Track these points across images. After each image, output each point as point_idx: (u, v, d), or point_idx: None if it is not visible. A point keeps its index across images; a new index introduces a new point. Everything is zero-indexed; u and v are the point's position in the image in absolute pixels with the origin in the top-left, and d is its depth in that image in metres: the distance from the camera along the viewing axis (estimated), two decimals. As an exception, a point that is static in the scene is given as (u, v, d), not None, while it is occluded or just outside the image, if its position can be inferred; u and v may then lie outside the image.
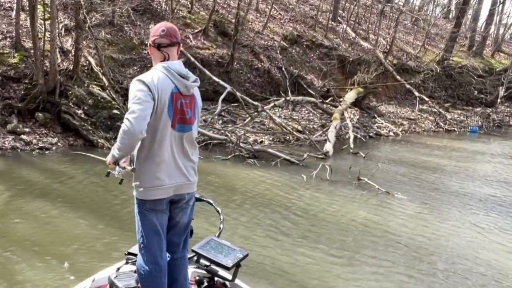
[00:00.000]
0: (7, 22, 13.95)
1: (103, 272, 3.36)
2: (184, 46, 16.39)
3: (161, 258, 2.93)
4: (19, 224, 6.93)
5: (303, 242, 7.28)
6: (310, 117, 17.58)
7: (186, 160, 2.91)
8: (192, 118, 2.88)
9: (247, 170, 11.19)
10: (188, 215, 3.08)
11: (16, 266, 5.70)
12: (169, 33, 2.90)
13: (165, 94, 2.74)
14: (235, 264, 3.17)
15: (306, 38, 22.00)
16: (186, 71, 2.90)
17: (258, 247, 6.89)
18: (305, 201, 9.37)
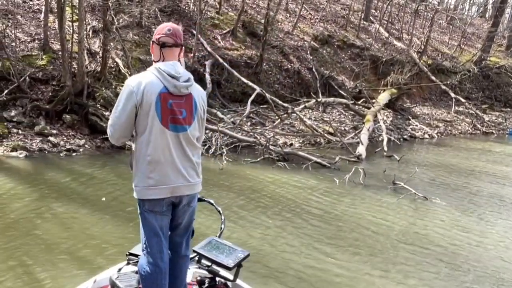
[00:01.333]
0: (35, 24, 14.07)
1: (105, 273, 3.37)
2: (212, 47, 16.29)
3: (161, 260, 2.94)
4: (46, 226, 6.84)
5: (335, 249, 6.98)
6: (342, 119, 17.24)
7: (185, 161, 2.90)
8: (188, 118, 2.87)
9: (277, 173, 10.93)
10: (190, 216, 3.09)
11: (39, 268, 5.60)
12: (174, 33, 2.93)
13: (152, 95, 2.76)
14: (236, 264, 3.17)
15: (337, 38, 21.68)
16: (177, 71, 2.86)
17: (288, 253, 6.63)
18: (338, 206, 9.05)
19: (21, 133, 11.08)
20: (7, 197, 7.85)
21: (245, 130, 13.47)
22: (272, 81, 17.19)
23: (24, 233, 6.57)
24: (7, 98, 11.61)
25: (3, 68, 11.83)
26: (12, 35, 12.86)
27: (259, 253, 6.57)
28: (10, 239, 6.32)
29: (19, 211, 7.28)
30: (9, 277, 5.41)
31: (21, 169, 9.64)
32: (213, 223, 7.01)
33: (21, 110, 11.60)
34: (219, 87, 15.87)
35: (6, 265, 5.66)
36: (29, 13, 14.51)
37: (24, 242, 6.29)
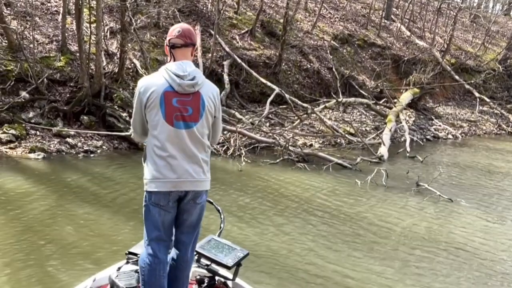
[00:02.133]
0: (53, 25, 14.14)
1: (104, 272, 3.38)
2: (230, 47, 16.21)
3: (160, 251, 3.00)
4: (63, 227, 6.82)
5: (357, 252, 6.81)
6: (363, 119, 17.01)
7: (190, 157, 2.98)
8: (194, 116, 2.96)
9: (297, 175, 10.78)
10: (195, 214, 3.10)
11: (55, 268, 5.60)
12: (184, 34, 3.04)
13: (157, 93, 2.92)
14: (235, 263, 3.19)
15: (358, 37, 21.44)
16: (184, 70, 2.97)
17: (308, 256, 6.48)
18: (359, 208, 8.87)
19: (39, 135, 11.13)
20: (25, 198, 7.84)
21: (264, 131, 13.34)
22: (291, 81, 17.04)
23: (41, 233, 6.56)
24: (25, 100, 11.67)
25: (21, 70, 11.89)
26: (30, 37, 12.93)
27: (277, 254, 6.44)
28: (27, 239, 6.31)
29: (36, 212, 7.28)
30: (25, 276, 5.40)
31: (39, 170, 9.66)
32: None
33: (39, 111, 11.65)
34: (237, 88, 15.78)
35: (24, 264, 5.65)
36: (47, 15, 14.60)
37: (41, 243, 6.27)
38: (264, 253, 6.48)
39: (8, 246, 6.11)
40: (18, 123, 11.11)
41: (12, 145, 10.55)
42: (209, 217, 6.72)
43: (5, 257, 5.82)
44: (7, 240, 6.25)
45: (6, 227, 6.70)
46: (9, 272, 5.51)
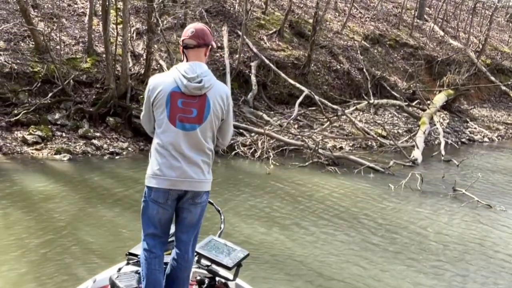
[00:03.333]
0: (80, 27, 14.22)
1: (105, 273, 3.41)
2: (258, 48, 16.04)
3: (155, 247, 3.06)
4: (88, 228, 6.75)
5: (392, 261, 6.52)
6: (394, 121, 16.64)
7: (190, 158, 3.01)
8: (198, 118, 2.99)
9: (327, 178, 10.52)
10: (195, 214, 3.12)
11: (80, 269, 5.54)
12: (197, 34, 3.05)
13: (164, 93, 2.97)
14: (236, 264, 3.22)
15: (389, 38, 21.08)
16: (194, 71, 2.98)
17: (337, 262, 6.23)
18: (394, 214, 8.56)
19: (65, 136, 11.14)
20: (50, 199, 7.81)
21: (292, 133, 13.11)
22: (321, 82, 16.78)
23: (65, 233, 6.52)
24: (52, 101, 11.72)
25: (47, 71, 11.96)
26: (57, 38, 13.02)
27: (305, 260, 6.23)
28: (52, 240, 6.27)
29: (61, 213, 7.24)
30: (49, 276, 5.35)
31: (65, 171, 9.65)
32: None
33: (65, 113, 11.68)
34: (265, 89, 15.60)
35: (48, 265, 5.60)
36: (73, 16, 14.69)
37: (64, 242, 6.22)
38: (291, 259, 6.25)
39: (33, 245, 6.07)
40: (44, 124, 11.15)
41: (38, 146, 10.59)
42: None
43: (30, 255, 5.79)
44: (32, 239, 6.22)
45: (31, 227, 6.66)
46: (32, 270, 5.47)
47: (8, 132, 10.81)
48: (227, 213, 7.86)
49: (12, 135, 10.75)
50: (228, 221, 7.49)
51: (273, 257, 6.28)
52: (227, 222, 7.44)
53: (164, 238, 3.12)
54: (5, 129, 10.82)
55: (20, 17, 13.07)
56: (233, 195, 8.81)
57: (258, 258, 6.19)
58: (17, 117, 10.96)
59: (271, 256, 6.29)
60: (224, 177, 10.14)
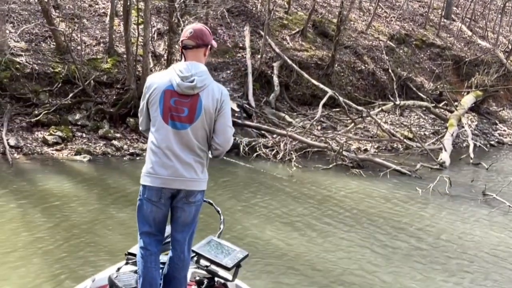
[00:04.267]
0: (101, 27, 14.25)
1: (104, 272, 3.45)
2: (280, 48, 15.90)
3: (150, 244, 3.11)
4: (106, 230, 6.71)
5: (418, 267, 6.30)
6: (421, 123, 16.31)
7: (183, 156, 3.04)
8: (189, 117, 3.02)
9: (352, 181, 10.31)
10: (189, 213, 3.15)
11: (98, 270, 5.38)
12: (196, 35, 3.10)
13: (158, 90, 3.03)
14: (235, 264, 3.23)
15: (416, 37, 20.72)
16: (188, 70, 3.02)
17: (365, 269, 6.03)
18: (423, 219, 8.31)
19: (85, 137, 11.15)
20: (70, 200, 7.79)
21: (316, 135, 12.91)
22: (345, 83, 16.54)
23: (84, 235, 6.49)
24: (72, 102, 11.75)
25: (68, 72, 11.99)
26: (78, 39, 13.06)
27: (330, 267, 6.06)
28: (70, 240, 6.25)
29: (81, 214, 7.21)
30: (65, 273, 5.36)
31: (85, 172, 9.63)
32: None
33: (86, 113, 11.69)
34: (287, 90, 15.43)
35: (64, 263, 5.62)
36: (94, 17, 14.74)
37: (83, 244, 6.20)
38: (314, 264, 6.09)
39: (53, 245, 6.06)
40: (64, 125, 11.16)
41: (59, 147, 10.61)
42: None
43: (47, 254, 5.79)
44: (52, 240, 6.21)
45: (50, 227, 6.65)
46: (49, 268, 5.48)
47: (29, 132, 10.86)
48: (249, 216, 7.74)
49: (33, 136, 10.79)
50: (249, 224, 7.38)
51: (296, 262, 6.12)
52: (248, 226, 7.34)
53: (159, 236, 3.17)
54: (25, 129, 10.87)
55: (41, 18, 13.16)
56: (255, 198, 8.67)
57: (281, 263, 6.04)
58: (38, 117, 11.00)
59: (294, 261, 6.13)
60: (245, 179, 10.02)
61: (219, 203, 8.22)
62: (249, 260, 6.13)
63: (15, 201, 7.59)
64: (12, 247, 5.98)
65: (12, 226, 6.63)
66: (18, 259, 5.69)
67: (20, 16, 13.44)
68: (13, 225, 6.66)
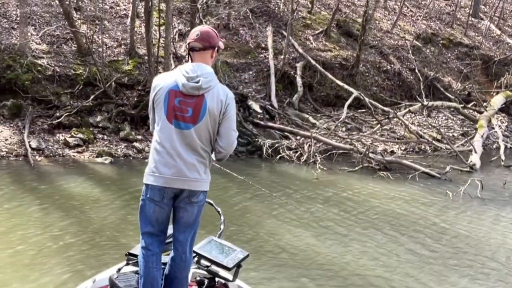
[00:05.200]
0: (122, 29, 14.24)
1: (104, 273, 3.46)
2: (304, 48, 15.71)
3: (152, 245, 3.13)
4: (129, 233, 6.61)
5: (451, 275, 6.03)
6: (449, 124, 15.93)
7: (185, 156, 3.06)
8: (193, 118, 3.04)
9: (379, 184, 10.05)
10: (191, 213, 3.15)
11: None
12: (202, 37, 3.12)
13: (163, 90, 3.05)
14: (235, 264, 3.25)
15: (442, 37, 20.33)
16: (194, 71, 3.06)
17: (393, 274, 5.80)
18: (455, 224, 8.01)
19: (106, 139, 11.11)
20: (91, 203, 7.75)
21: (340, 137, 12.67)
22: (370, 84, 16.28)
23: (104, 236, 6.46)
24: (93, 104, 11.72)
25: (89, 74, 11.99)
26: (99, 41, 13.05)
27: (357, 274, 5.84)
28: (92, 242, 6.21)
29: (102, 216, 7.15)
30: (84, 275, 5.14)
31: (106, 175, 9.58)
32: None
33: (107, 115, 11.66)
34: (310, 91, 15.23)
35: (84, 264, 5.60)
36: (116, 19, 14.75)
37: (106, 246, 6.15)
38: (340, 269, 5.89)
39: (74, 247, 6.02)
40: (86, 127, 11.15)
41: (80, 149, 10.60)
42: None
43: (70, 256, 5.74)
44: (72, 241, 6.20)
45: (73, 229, 6.61)
46: (69, 269, 5.44)
47: (50, 134, 10.86)
48: (271, 220, 7.57)
49: (54, 138, 10.79)
50: (272, 228, 7.20)
51: (321, 268, 5.92)
52: (272, 230, 7.17)
53: (161, 237, 3.18)
54: (47, 131, 10.88)
55: (63, 20, 13.20)
56: (278, 201, 8.49)
57: (306, 268, 5.86)
58: (59, 119, 11.01)
59: (319, 267, 5.94)
60: (268, 182, 9.85)
61: (242, 206, 8.13)
62: (274, 264, 5.99)
63: (37, 203, 7.56)
64: (35, 247, 5.94)
65: (34, 228, 6.57)
66: (39, 258, 5.66)
67: (42, 19, 13.50)
68: (34, 227, 6.60)
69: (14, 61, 11.56)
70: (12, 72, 11.42)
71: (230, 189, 9.03)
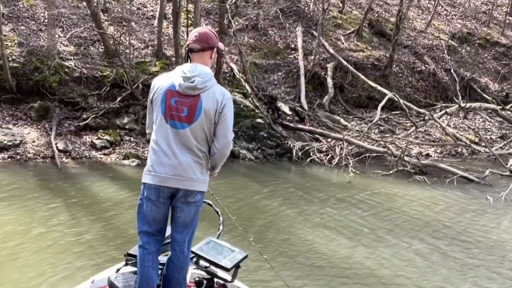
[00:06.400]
0: (149, 30, 14.19)
1: (103, 273, 3.48)
2: (334, 48, 15.43)
3: (148, 244, 3.16)
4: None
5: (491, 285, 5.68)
6: (487, 126, 15.41)
7: (180, 156, 3.07)
8: (189, 117, 3.06)
9: (415, 189, 9.69)
10: (188, 213, 3.17)
11: None
12: (201, 39, 3.15)
13: (161, 90, 3.09)
14: (234, 265, 3.26)
15: (479, 36, 19.81)
16: (191, 71, 3.05)
17: (430, 284, 5.48)
18: (496, 231, 7.61)
19: (133, 141, 11.03)
20: (118, 205, 7.67)
21: (373, 139, 12.32)
22: (403, 84, 15.90)
23: (131, 238, 6.19)
24: (120, 106, 11.66)
25: (117, 75, 11.94)
26: (126, 42, 13.00)
27: (392, 280, 5.52)
28: (119, 246, 6.07)
29: (128, 219, 6.99)
30: None
31: (132, 177, 9.44)
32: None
33: (134, 117, 11.58)
34: (341, 92, 14.94)
35: None
36: (143, 20, 14.71)
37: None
38: (374, 278, 5.59)
39: (100, 248, 5.98)
40: (112, 128, 11.09)
41: (107, 151, 10.53)
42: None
43: (96, 257, 5.66)
44: (99, 243, 6.15)
45: (99, 230, 6.56)
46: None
47: (77, 136, 10.82)
48: (302, 223, 7.32)
49: (81, 140, 10.75)
50: (302, 233, 6.95)
51: (356, 275, 5.64)
52: (303, 235, 6.92)
53: (158, 236, 3.20)
54: (74, 133, 10.84)
55: (90, 22, 13.20)
56: (310, 205, 8.24)
57: (339, 275, 5.59)
58: (86, 121, 10.98)
59: (354, 274, 5.66)
60: (298, 185, 9.61)
61: (271, 208, 7.91)
62: (305, 269, 5.75)
63: (64, 204, 7.50)
64: (62, 248, 5.90)
65: (60, 228, 6.51)
66: (66, 257, 5.65)
67: (69, 21, 13.54)
68: (61, 227, 6.54)
69: (41, 63, 11.59)
70: (39, 74, 11.45)
71: (257, 192, 8.85)
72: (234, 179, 9.68)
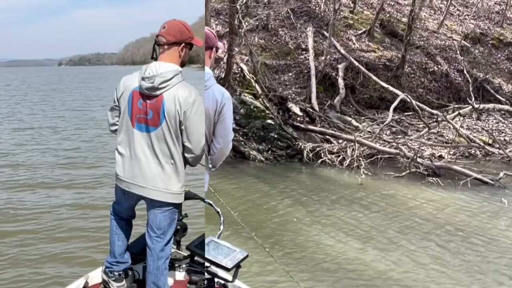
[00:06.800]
0: (159, 30, 14.13)
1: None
2: (346, 49, 15.31)
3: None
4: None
5: None
6: (500, 127, 15.19)
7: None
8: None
9: (428, 191, 9.53)
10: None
11: None
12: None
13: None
14: (235, 265, 3.19)
15: (492, 36, 19.60)
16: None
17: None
18: (508, 233, 7.45)
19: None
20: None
21: (385, 140, 12.16)
22: (415, 85, 15.73)
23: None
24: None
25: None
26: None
27: (399, 283, 5.41)
28: None
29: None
30: None
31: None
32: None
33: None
34: (353, 93, 14.81)
35: None
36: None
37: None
38: (385, 282, 5.46)
39: None
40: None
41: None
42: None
43: None
44: None
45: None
46: None
47: None
48: (310, 225, 7.21)
49: None
50: (314, 236, 6.84)
51: (364, 276, 5.53)
52: (315, 237, 6.81)
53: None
54: None
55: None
56: (319, 206, 8.15)
57: (347, 276, 5.49)
58: None
59: (363, 276, 5.55)
60: (309, 187, 9.51)
61: (280, 209, 7.81)
62: (312, 270, 5.64)
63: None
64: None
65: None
66: None
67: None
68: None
69: None
70: None
71: (267, 193, 8.76)
72: (244, 180, 9.59)
